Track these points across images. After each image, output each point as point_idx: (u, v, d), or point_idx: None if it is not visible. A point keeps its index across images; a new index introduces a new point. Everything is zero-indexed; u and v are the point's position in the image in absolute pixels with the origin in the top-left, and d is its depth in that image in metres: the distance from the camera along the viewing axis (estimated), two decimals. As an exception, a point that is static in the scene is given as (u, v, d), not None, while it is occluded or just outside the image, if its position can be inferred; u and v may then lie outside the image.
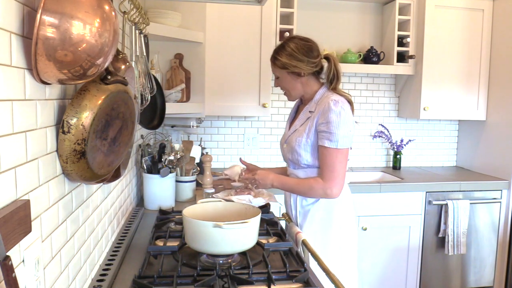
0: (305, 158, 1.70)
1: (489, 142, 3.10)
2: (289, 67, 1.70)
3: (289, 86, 1.77)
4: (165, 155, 1.95)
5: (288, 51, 1.71)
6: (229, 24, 2.71)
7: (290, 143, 1.75)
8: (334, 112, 1.60)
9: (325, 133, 1.62)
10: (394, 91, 3.36)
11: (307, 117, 1.73)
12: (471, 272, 2.94)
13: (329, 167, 1.63)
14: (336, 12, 3.17)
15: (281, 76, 1.75)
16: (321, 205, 1.72)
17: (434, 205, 2.80)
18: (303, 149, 1.69)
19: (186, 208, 1.37)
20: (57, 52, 0.71)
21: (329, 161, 1.63)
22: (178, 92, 2.37)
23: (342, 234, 1.72)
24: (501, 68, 2.98)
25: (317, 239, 1.69)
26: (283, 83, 1.77)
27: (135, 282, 1.12)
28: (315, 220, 1.73)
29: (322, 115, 1.63)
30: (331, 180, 1.63)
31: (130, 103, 1.05)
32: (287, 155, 1.79)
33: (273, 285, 1.14)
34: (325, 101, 1.65)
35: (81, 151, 0.87)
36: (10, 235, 0.64)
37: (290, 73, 1.72)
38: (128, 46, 1.60)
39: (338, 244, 1.71)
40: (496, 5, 3.00)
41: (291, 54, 1.70)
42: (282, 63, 1.71)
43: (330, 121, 1.60)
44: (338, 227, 1.71)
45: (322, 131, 1.63)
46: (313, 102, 1.73)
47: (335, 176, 1.62)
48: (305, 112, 1.75)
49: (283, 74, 1.74)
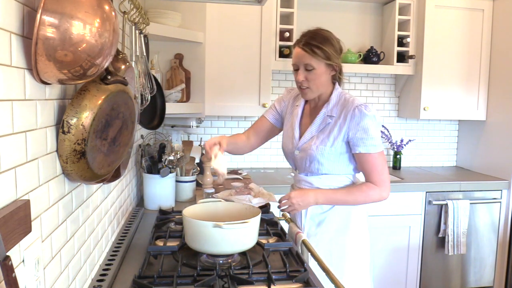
0: (326, 167, 1.60)
1: (489, 142, 3.10)
2: (331, 58, 1.56)
3: (320, 81, 1.59)
4: (165, 155, 1.95)
5: (328, 40, 1.57)
6: (229, 24, 2.71)
7: (307, 150, 1.62)
8: (369, 117, 1.53)
9: (366, 139, 1.53)
10: (394, 91, 3.36)
11: (326, 122, 1.60)
12: (471, 272, 2.94)
13: (379, 171, 1.57)
14: (336, 12, 3.17)
15: (318, 68, 1.56)
16: (338, 211, 1.63)
17: (434, 205, 2.80)
18: (326, 158, 1.58)
19: (186, 208, 1.37)
20: (57, 52, 0.71)
21: (377, 166, 1.56)
22: (178, 92, 2.37)
23: (358, 241, 1.64)
24: (501, 68, 2.98)
25: (332, 247, 1.62)
26: (315, 76, 1.58)
27: (135, 282, 1.12)
28: (330, 229, 1.63)
29: (355, 123, 1.53)
30: (383, 183, 1.58)
31: (130, 103, 1.05)
32: (302, 162, 1.66)
33: (273, 285, 1.14)
34: (350, 106, 1.55)
35: (81, 151, 0.87)
36: (10, 235, 0.64)
37: (327, 65, 1.57)
38: (128, 46, 1.60)
39: (354, 252, 1.63)
40: (496, 5, 3.00)
41: (333, 44, 1.57)
42: (325, 52, 1.54)
43: (368, 127, 1.53)
44: (355, 235, 1.63)
45: (361, 138, 1.53)
46: (330, 106, 1.61)
47: (385, 179, 1.58)
48: (322, 117, 1.62)
49: (321, 66, 1.56)
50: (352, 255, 1.62)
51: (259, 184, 2.33)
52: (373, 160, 1.56)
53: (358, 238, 1.63)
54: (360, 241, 1.64)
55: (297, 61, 1.60)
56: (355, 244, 1.63)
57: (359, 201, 1.60)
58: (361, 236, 1.65)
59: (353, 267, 1.61)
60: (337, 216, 1.62)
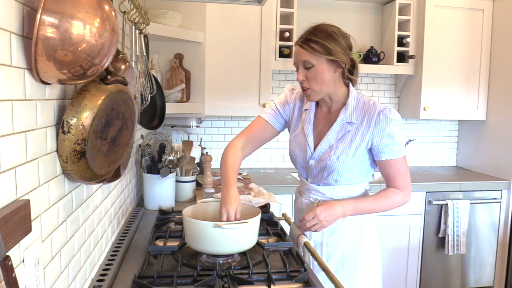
0: (346, 178, 1.51)
1: (489, 142, 3.10)
2: (333, 53, 1.41)
3: (322, 79, 1.44)
4: (165, 155, 1.95)
5: (329, 34, 1.43)
6: (229, 24, 2.71)
7: (325, 161, 1.50)
8: (394, 122, 1.46)
9: (392, 145, 1.46)
10: (394, 91, 3.36)
11: (346, 130, 1.48)
12: (471, 272, 2.94)
13: (404, 176, 1.51)
14: (336, 12, 3.17)
15: (317, 65, 1.42)
16: (350, 222, 1.54)
17: (434, 205, 2.80)
18: (347, 169, 1.49)
19: (186, 208, 1.37)
20: (57, 52, 0.71)
21: (402, 170, 1.51)
22: (178, 92, 2.37)
23: (371, 254, 1.58)
24: (501, 68, 2.98)
25: (345, 259, 1.55)
26: (316, 75, 1.43)
27: (135, 282, 1.12)
28: (344, 239, 1.55)
29: (380, 129, 1.45)
30: (407, 187, 1.52)
31: (130, 103, 1.05)
32: (318, 173, 1.54)
33: (273, 285, 1.14)
34: (372, 111, 1.45)
35: (81, 151, 0.87)
36: (10, 235, 0.64)
37: (330, 61, 1.43)
38: (128, 46, 1.60)
39: (367, 265, 1.56)
40: (496, 5, 3.00)
41: (334, 38, 1.43)
42: (323, 46, 1.40)
43: (393, 132, 1.46)
44: (367, 246, 1.57)
45: (387, 144, 1.46)
46: (349, 111, 1.49)
47: (408, 182, 1.53)
48: (341, 124, 1.49)
49: (320, 62, 1.42)
50: (364, 268, 1.55)
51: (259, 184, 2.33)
52: (398, 165, 1.50)
53: (370, 250, 1.57)
54: (372, 253, 1.58)
55: (296, 60, 1.48)
56: (368, 256, 1.57)
57: (385, 208, 1.53)
58: (374, 247, 1.59)
59: (365, 281, 1.56)
60: (350, 225, 1.54)
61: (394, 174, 1.51)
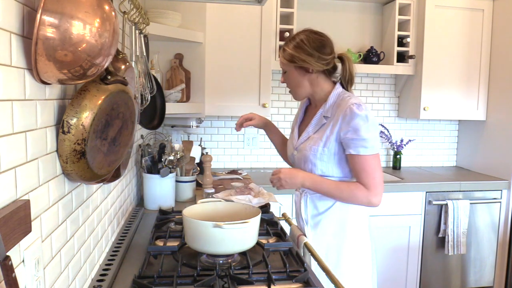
0: (319, 168, 1.57)
1: (489, 142, 3.10)
2: (297, 60, 1.55)
3: (296, 83, 1.61)
4: (165, 155, 1.95)
5: (297, 42, 1.56)
6: (229, 24, 2.71)
7: (303, 151, 1.61)
8: (360, 117, 1.47)
9: (356, 140, 1.48)
10: (394, 91, 3.36)
11: (322, 123, 1.59)
12: (471, 272, 2.94)
13: (370, 175, 1.49)
14: (336, 12, 3.18)
15: (288, 71, 1.61)
16: (333, 216, 1.58)
17: (434, 205, 2.81)
18: (319, 159, 1.56)
19: (186, 208, 1.37)
20: (57, 52, 0.71)
21: (368, 168, 1.49)
22: (178, 92, 2.37)
23: (356, 247, 1.58)
24: (501, 68, 2.98)
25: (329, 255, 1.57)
26: (289, 79, 1.62)
27: (135, 282, 1.12)
28: (327, 234, 1.59)
29: (346, 123, 1.49)
30: (374, 188, 1.49)
31: (130, 103, 1.05)
32: (298, 163, 1.65)
33: (273, 285, 1.14)
34: (344, 106, 1.51)
35: (81, 151, 0.87)
36: (10, 235, 0.64)
37: (297, 67, 1.57)
38: (128, 46, 1.60)
39: (351, 258, 1.57)
40: (496, 5, 3.00)
41: (300, 46, 1.55)
42: (289, 55, 1.56)
43: (358, 127, 1.47)
44: (352, 239, 1.57)
45: (351, 139, 1.48)
46: (327, 106, 1.58)
47: (377, 184, 1.50)
48: (319, 117, 1.60)
49: (290, 68, 1.59)
50: (348, 262, 1.56)
51: (259, 184, 2.33)
52: (364, 162, 1.49)
53: (355, 244, 1.57)
54: (358, 246, 1.58)
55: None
56: (353, 249, 1.57)
57: (344, 198, 1.53)
58: (360, 241, 1.58)
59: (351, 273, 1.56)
60: (334, 218, 1.58)
61: (358, 171, 1.51)
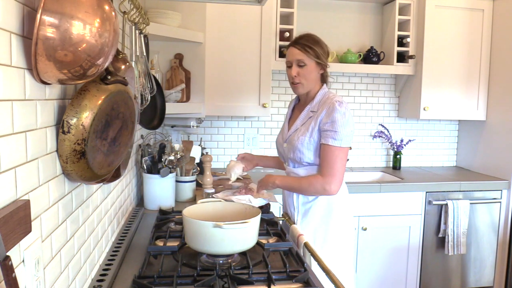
0: (307, 156, 1.75)
1: (489, 142, 3.10)
2: (320, 57, 1.76)
3: (311, 77, 1.78)
4: (165, 155, 1.95)
5: (317, 41, 1.78)
6: (229, 24, 2.71)
7: (292, 142, 1.79)
8: (339, 112, 1.67)
9: (330, 131, 1.67)
10: (394, 91, 3.36)
11: (309, 116, 1.78)
12: (471, 272, 2.94)
13: (329, 164, 1.68)
14: (336, 12, 3.17)
15: (309, 65, 1.76)
16: (321, 203, 1.77)
17: (434, 205, 2.80)
18: (306, 148, 1.74)
19: (186, 208, 1.37)
20: (57, 52, 0.71)
21: (330, 158, 1.68)
22: (178, 92, 2.37)
23: (341, 231, 1.78)
24: (501, 68, 2.98)
25: (316, 236, 1.77)
26: (307, 72, 1.77)
27: (135, 282, 1.12)
28: (315, 218, 1.78)
29: (327, 115, 1.69)
30: (330, 176, 1.68)
31: (130, 103, 1.05)
32: (288, 154, 1.83)
33: (273, 285, 1.14)
34: (329, 102, 1.72)
35: (81, 151, 0.87)
36: (10, 235, 0.64)
37: (317, 63, 1.77)
38: (128, 46, 1.60)
39: (336, 241, 1.77)
40: (496, 5, 3.00)
41: (320, 44, 1.78)
42: (317, 52, 1.75)
43: (335, 120, 1.67)
44: (337, 225, 1.77)
45: (327, 130, 1.68)
46: (315, 102, 1.79)
47: (334, 173, 1.68)
48: (307, 112, 1.80)
49: (312, 63, 1.76)
50: (333, 241, 1.76)
51: (259, 184, 2.32)
52: (329, 152, 1.68)
53: (339, 228, 1.77)
54: (342, 233, 1.78)
55: (291, 58, 1.79)
56: (338, 235, 1.77)
57: (303, 188, 1.74)
58: (344, 228, 1.79)
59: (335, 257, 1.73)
60: (320, 206, 1.77)
61: (322, 160, 1.71)
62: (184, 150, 2.12)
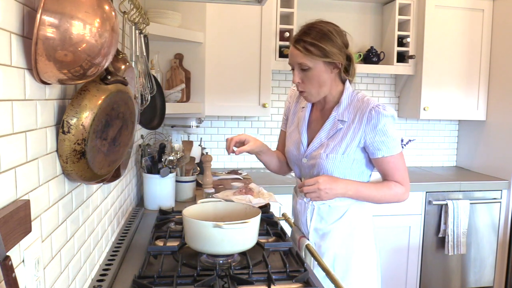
0: (337, 175, 1.48)
1: (489, 142, 3.10)
2: (330, 55, 1.38)
3: (320, 81, 1.42)
4: (165, 155, 1.95)
5: (325, 33, 1.38)
6: (229, 24, 2.71)
7: (315, 158, 1.48)
8: (387, 118, 1.40)
9: (387, 142, 1.42)
10: (394, 91, 3.36)
11: (337, 127, 1.46)
12: (471, 272, 2.94)
13: (402, 172, 1.47)
14: (336, 12, 3.17)
15: (314, 68, 1.40)
16: (342, 225, 1.51)
17: (434, 205, 2.80)
18: (337, 167, 1.45)
19: (186, 208, 1.37)
20: (57, 52, 0.71)
21: (400, 166, 1.47)
22: (178, 92, 2.37)
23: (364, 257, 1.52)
24: (501, 68, 2.98)
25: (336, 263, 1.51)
26: (313, 77, 1.41)
27: (135, 282, 1.12)
28: (336, 241, 1.52)
29: (372, 126, 1.40)
30: (407, 183, 1.48)
31: (130, 103, 1.05)
32: (310, 170, 1.53)
33: (273, 285, 1.14)
34: (365, 108, 1.42)
35: (81, 151, 0.87)
36: (10, 235, 0.64)
37: (327, 63, 1.40)
38: (128, 46, 1.60)
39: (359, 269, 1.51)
40: (496, 5, 3.00)
41: (330, 38, 1.38)
42: (322, 50, 1.37)
43: (387, 128, 1.40)
44: (361, 247, 1.51)
45: (381, 141, 1.41)
46: (342, 109, 1.47)
47: (408, 178, 1.49)
48: (332, 122, 1.48)
49: (317, 64, 1.39)
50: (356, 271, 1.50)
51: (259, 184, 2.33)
52: (396, 161, 1.45)
53: (364, 253, 1.52)
54: (366, 256, 1.52)
55: (292, 61, 1.44)
56: (361, 259, 1.51)
57: (386, 198, 1.47)
58: (367, 251, 1.53)
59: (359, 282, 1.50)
60: (342, 229, 1.51)
61: (392, 171, 1.46)
62: (184, 150, 2.12)
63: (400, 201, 1.49)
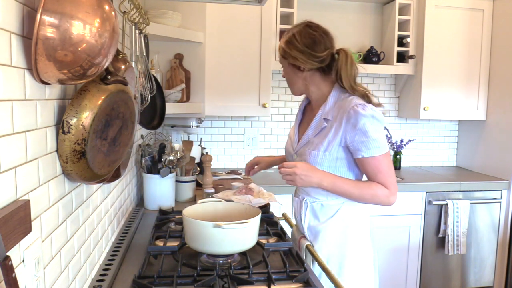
0: None
1: (489, 142, 3.10)
2: (287, 57, 1.49)
3: (289, 80, 1.57)
4: (165, 155, 1.95)
5: (289, 37, 1.49)
6: (229, 24, 2.71)
7: (302, 155, 1.52)
8: (366, 118, 1.39)
9: (367, 142, 1.40)
10: (394, 91, 3.36)
11: (321, 126, 1.49)
12: (471, 272, 2.94)
13: (386, 174, 1.43)
14: (336, 12, 3.17)
15: (285, 68, 1.56)
16: (335, 224, 1.50)
17: (434, 205, 2.80)
18: (319, 164, 1.46)
19: (186, 208, 1.37)
20: (57, 52, 0.71)
21: (383, 169, 1.43)
22: (178, 92, 2.37)
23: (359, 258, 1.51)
24: (501, 68, 2.98)
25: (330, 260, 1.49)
26: (286, 75, 1.58)
27: (135, 282, 1.12)
28: (328, 244, 1.51)
29: (351, 125, 1.41)
30: (392, 186, 1.44)
31: (130, 103, 1.05)
32: None
33: (273, 285, 1.14)
34: (346, 107, 1.43)
35: (81, 151, 0.87)
36: (10, 235, 0.64)
37: (290, 64, 1.52)
38: (128, 46, 1.60)
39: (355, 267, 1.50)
40: (496, 5, 3.00)
41: (291, 42, 1.47)
42: (282, 50, 1.51)
43: (366, 128, 1.39)
44: (355, 247, 1.50)
45: (361, 141, 1.40)
46: (327, 108, 1.49)
47: (393, 182, 1.45)
48: (318, 120, 1.51)
49: (284, 64, 1.55)
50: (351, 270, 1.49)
51: (259, 184, 2.33)
52: (377, 163, 1.42)
53: (357, 253, 1.50)
54: (361, 254, 1.51)
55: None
56: (355, 258, 1.50)
57: (365, 197, 1.44)
58: (362, 250, 1.52)
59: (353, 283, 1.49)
60: (335, 228, 1.50)
61: (374, 172, 1.44)
62: (184, 150, 2.12)
63: (384, 204, 1.46)
